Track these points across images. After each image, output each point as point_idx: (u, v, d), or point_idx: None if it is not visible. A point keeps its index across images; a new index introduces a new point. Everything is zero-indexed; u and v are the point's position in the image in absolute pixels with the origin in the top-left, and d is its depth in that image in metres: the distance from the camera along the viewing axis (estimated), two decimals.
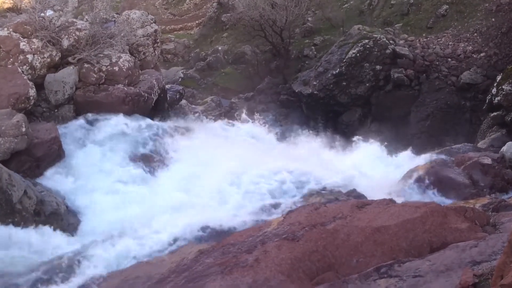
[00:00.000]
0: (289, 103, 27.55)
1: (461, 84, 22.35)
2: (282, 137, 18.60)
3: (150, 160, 12.53)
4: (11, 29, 14.45)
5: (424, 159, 13.04)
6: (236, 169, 12.24)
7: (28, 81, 13.29)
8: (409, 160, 13.51)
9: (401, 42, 25.44)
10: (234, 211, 10.15)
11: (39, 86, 13.89)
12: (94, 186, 11.34)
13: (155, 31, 18.53)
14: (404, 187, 11.12)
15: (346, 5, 33.88)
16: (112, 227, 9.94)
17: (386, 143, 15.54)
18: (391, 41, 24.94)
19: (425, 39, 25.38)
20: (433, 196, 10.53)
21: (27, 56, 13.87)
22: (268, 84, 29.20)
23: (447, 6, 26.73)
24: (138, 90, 14.76)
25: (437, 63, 23.53)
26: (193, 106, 22.77)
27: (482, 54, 22.86)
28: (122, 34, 16.02)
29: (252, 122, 20.81)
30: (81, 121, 13.99)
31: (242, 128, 17.53)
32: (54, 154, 11.99)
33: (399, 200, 9.48)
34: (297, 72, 29.13)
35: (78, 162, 12.20)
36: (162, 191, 11.38)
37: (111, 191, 11.33)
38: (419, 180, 11.10)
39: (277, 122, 26.11)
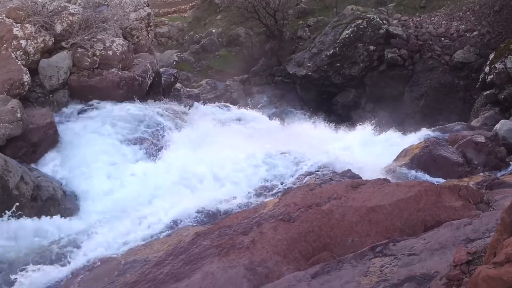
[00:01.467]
0: (283, 84, 27.59)
1: (454, 63, 22.42)
2: (276, 118, 18.63)
3: (146, 143, 12.54)
4: (3, 15, 14.35)
5: (418, 138, 13.13)
6: (231, 152, 12.29)
7: (22, 67, 13.21)
8: (403, 139, 13.60)
9: (395, 22, 25.41)
10: (230, 193, 10.19)
11: (33, 71, 13.83)
12: (90, 170, 11.34)
13: (148, 14, 18.44)
14: (398, 166, 11.18)
15: None
16: (109, 210, 10.00)
17: (381, 122, 15.62)
18: (384, 21, 24.92)
19: (418, 19, 25.38)
20: (427, 175, 10.61)
21: (20, 41, 13.79)
22: (262, 66, 29.20)
23: None
24: (132, 74, 14.74)
25: (430, 42, 23.56)
26: (188, 89, 22.73)
27: (475, 33, 22.89)
28: (115, 18, 15.95)
29: (247, 104, 20.84)
30: (76, 105, 14.02)
31: (237, 110, 17.53)
32: (50, 139, 11.97)
33: (393, 179, 9.57)
34: (291, 54, 29.14)
35: (74, 146, 12.18)
36: (159, 173, 11.41)
37: (108, 175, 11.33)
38: (413, 159, 11.17)
39: (272, 104, 26.18)
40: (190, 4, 46.91)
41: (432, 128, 14.32)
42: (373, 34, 24.37)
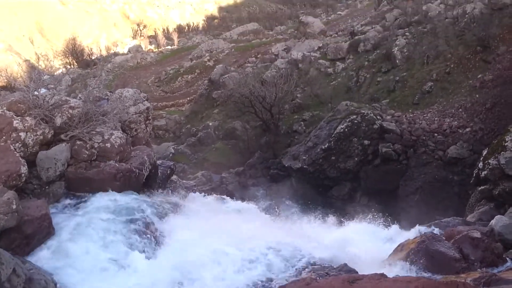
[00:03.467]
0: (279, 177, 27.73)
1: (448, 158, 22.72)
2: (272, 212, 18.59)
3: (141, 236, 12.39)
4: (4, 108, 14.61)
5: (414, 233, 13.07)
6: (227, 244, 12.19)
7: (20, 159, 13.26)
8: (399, 234, 13.54)
9: (388, 117, 25.99)
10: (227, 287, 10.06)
11: (31, 163, 13.87)
12: (83, 265, 11.12)
13: (147, 108, 18.81)
14: (395, 261, 11.09)
15: (333, 82, 34.83)
16: None
17: (375, 217, 15.59)
18: (378, 117, 25.48)
19: (411, 115, 25.98)
20: (424, 271, 10.51)
21: (19, 134, 13.94)
22: (258, 159, 29.48)
23: (432, 83, 27.57)
24: (129, 166, 14.81)
25: (424, 137, 23.98)
26: (184, 181, 22.82)
27: (467, 129, 23.36)
28: (114, 112, 16.21)
29: (242, 197, 20.84)
30: (72, 198, 13.97)
31: (232, 203, 17.50)
32: (44, 231, 11.83)
33: (390, 274, 9.46)
34: (286, 147, 29.52)
35: (68, 239, 12.02)
36: (153, 269, 11.23)
37: (101, 270, 11.08)
38: (409, 254, 11.09)
39: (267, 196, 26.16)
40: (188, 98, 48.07)
41: (428, 224, 14.29)
42: (367, 129, 24.85)
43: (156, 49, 79.96)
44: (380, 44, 35.06)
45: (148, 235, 12.61)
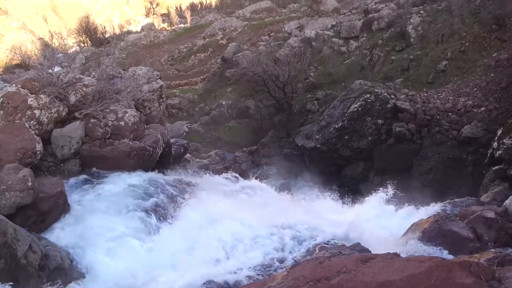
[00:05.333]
0: (292, 156, 27.72)
1: (462, 138, 22.55)
2: (285, 190, 18.63)
3: (154, 214, 12.49)
4: (19, 85, 14.72)
5: (427, 212, 13.06)
6: (240, 223, 12.26)
7: (35, 136, 13.40)
8: (412, 214, 13.52)
9: (402, 96, 25.78)
10: (239, 265, 10.12)
11: (46, 140, 14.02)
12: (98, 241, 11.28)
13: (161, 86, 18.87)
14: (408, 241, 11.09)
15: (347, 61, 34.54)
16: (116, 283, 9.90)
17: (389, 196, 15.56)
18: (392, 96, 25.29)
19: (425, 94, 25.74)
20: (438, 250, 10.49)
21: (34, 111, 14.07)
22: (271, 138, 29.46)
23: (447, 62, 27.25)
24: (143, 145, 14.91)
25: (438, 117, 23.79)
26: (198, 159, 22.91)
27: (482, 109, 23.13)
28: (128, 90, 16.28)
29: (256, 176, 20.88)
30: (86, 175, 14.10)
31: (246, 182, 17.57)
32: (60, 208, 11.99)
33: (403, 254, 9.47)
34: (300, 126, 29.46)
35: (83, 216, 12.17)
36: (166, 245, 11.33)
37: (116, 246, 11.23)
38: (423, 233, 11.08)
39: (280, 175, 26.19)
40: (201, 77, 47.95)
41: (442, 203, 14.25)
42: (381, 108, 24.69)
43: (169, 27, 79.68)
44: (394, 22, 34.63)
45: (161, 212, 12.71)
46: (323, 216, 13.84)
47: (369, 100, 24.91)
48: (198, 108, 38.87)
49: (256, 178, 19.06)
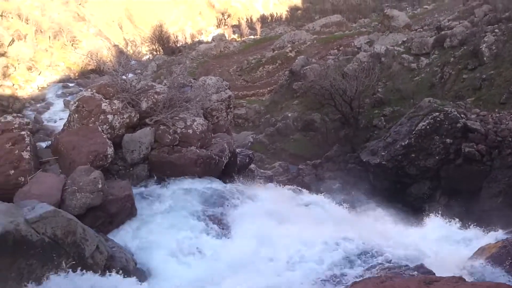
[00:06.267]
0: (356, 172, 27.47)
1: None
2: (348, 206, 18.49)
3: (219, 221, 12.68)
4: (94, 90, 15.31)
5: (495, 236, 12.68)
6: (301, 236, 12.26)
7: (107, 140, 13.81)
8: (479, 237, 13.14)
9: (473, 116, 25.13)
10: (299, 279, 10.14)
11: (117, 145, 14.44)
12: (163, 245, 11.53)
13: (229, 96, 19.16)
14: (474, 265, 10.80)
15: (417, 78, 34.02)
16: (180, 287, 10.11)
17: (455, 217, 15.19)
18: (462, 115, 24.70)
19: (497, 115, 25.00)
20: (505, 277, 10.20)
21: (107, 116, 14.54)
22: (336, 152, 29.31)
23: None
24: (209, 153, 15.14)
25: (510, 139, 23.04)
26: (262, 170, 23.06)
27: None
28: (197, 99, 16.61)
29: (318, 189, 20.82)
30: (154, 180, 14.49)
31: (309, 195, 17.55)
32: (127, 211, 12.33)
33: (468, 278, 9.27)
34: (365, 142, 29.19)
35: (148, 220, 12.49)
36: (228, 254, 11.46)
37: (179, 251, 11.44)
38: (490, 258, 10.78)
39: (344, 191, 26.00)
40: (269, 88, 48.32)
41: (510, 229, 13.79)
42: (450, 127, 24.14)
43: (239, 38, 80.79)
44: (468, 40, 33.87)
45: (225, 221, 12.88)
46: (385, 234, 13.64)
47: (438, 119, 24.41)
48: (264, 119, 39.17)
49: (319, 192, 19.01)
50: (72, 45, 64.46)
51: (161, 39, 75.53)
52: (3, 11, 58.02)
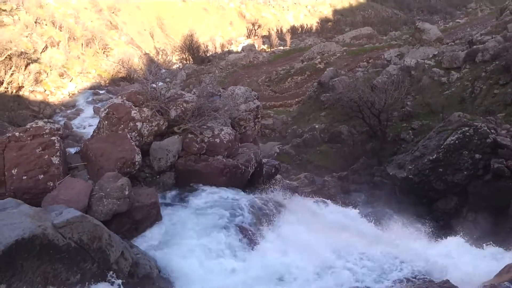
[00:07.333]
0: (382, 185, 27.22)
1: None
2: (373, 219, 18.35)
3: (244, 231, 12.68)
4: (124, 98, 15.53)
5: None
6: (327, 249, 12.24)
7: (135, 147, 13.94)
8: (505, 255, 12.97)
9: (503, 132, 24.74)
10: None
11: (145, 152, 14.60)
12: (188, 254, 11.52)
13: (257, 107, 19.24)
14: (500, 283, 10.66)
15: (447, 92, 33.69)
16: None
17: (482, 234, 15.00)
18: (492, 130, 24.33)
19: None
20: None
21: (136, 123, 14.73)
22: (362, 165, 29.12)
23: None
24: (236, 163, 15.20)
25: None
26: (287, 181, 23.04)
27: None
28: (226, 108, 16.72)
29: (344, 202, 20.73)
30: (180, 188, 14.58)
31: (334, 207, 17.50)
32: (152, 218, 12.42)
33: None
34: (392, 155, 28.93)
35: (173, 228, 12.54)
36: (254, 265, 11.44)
37: (204, 260, 11.43)
38: None
39: (369, 204, 25.81)
40: (296, 100, 48.30)
41: None
42: (479, 143, 23.80)
43: (269, 49, 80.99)
44: (500, 55, 33.40)
45: (251, 231, 12.88)
46: (410, 249, 13.54)
47: (467, 133, 24.09)
48: (290, 130, 39.12)
49: (344, 205, 18.93)
50: (103, 53, 65.32)
51: (191, 48, 76.01)
52: (38, 18, 59.12)
